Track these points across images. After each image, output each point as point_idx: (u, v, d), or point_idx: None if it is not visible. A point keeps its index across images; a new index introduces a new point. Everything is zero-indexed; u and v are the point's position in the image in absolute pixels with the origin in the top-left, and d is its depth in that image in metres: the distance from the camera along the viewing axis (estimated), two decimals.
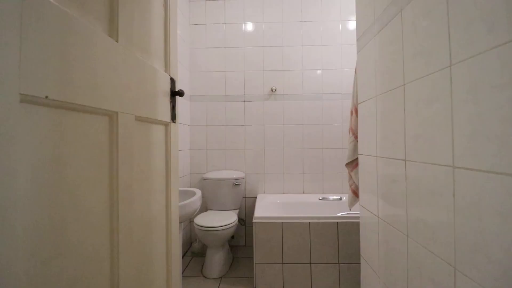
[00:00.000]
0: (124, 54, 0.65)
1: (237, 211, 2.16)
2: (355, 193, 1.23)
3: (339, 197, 2.18)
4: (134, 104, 0.70)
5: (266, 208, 1.95)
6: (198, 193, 1.37)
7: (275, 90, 2.29)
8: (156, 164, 0.86)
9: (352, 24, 2.31)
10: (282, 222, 1.63)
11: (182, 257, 2.07)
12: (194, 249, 2.09)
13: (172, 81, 0.97)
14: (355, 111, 1.18)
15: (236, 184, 2.14)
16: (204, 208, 2.29)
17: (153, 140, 0.84)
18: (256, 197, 2.26)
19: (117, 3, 0.63)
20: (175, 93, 0.98)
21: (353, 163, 1.22)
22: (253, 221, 1.64)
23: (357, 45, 1.11)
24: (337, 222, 1.61)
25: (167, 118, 0.94)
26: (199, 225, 1.71)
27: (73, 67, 0.47)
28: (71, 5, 0.48)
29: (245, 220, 2.30)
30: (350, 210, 1.28)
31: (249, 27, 2.34)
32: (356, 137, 1.18)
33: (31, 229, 0.38)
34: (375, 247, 0.96)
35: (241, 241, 2.32)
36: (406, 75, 0.74)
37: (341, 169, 2.28)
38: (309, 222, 1.62)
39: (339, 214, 1.73)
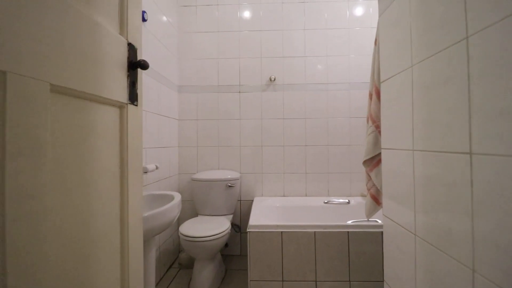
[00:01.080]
0: None
1: (231, 216, 1.90)
2: (376, 199, 0.97)
3: (347, 200, 1.92)
4: (51, 67, 0.44)
5: (263, 214, 1.69)
6: (177, 197, 1.11)
7: (274, 79, 2.03)
8: (101, 160, 0.60)
9: (359, 10, 2.05)
10: (282, 231, 1.37)
11: (168, 268, 1.82)
12: (182, 260, 1.83)
13: (132, 49, 0.71)
14: (376, 93, 0.92)
15: (230, 186, 1.88)
16: (194, 213, 2.03)
17: (95, 126, 0.58)
18: (252, 201, 2.00)
19: None
20: (135, 65, 0.72)
21: (373, 161, 0.96)
22: (248, 230, 1.38)
23: (379, 6, 0.85)
24: (348, 232, 1.35)
25: (123, 97, 0.68)
26: (184, 235, 1.45)
27: None
28: None
29: (241, 226, 2.04)
30: (368, 219, 1.04)
31: (245, 8, 2.08)
32: (377, 127, 0.93)
33: None
34: (409, 275, 0.70)
35: (235, 249, 2.06)
36: (472, 22, 0.48)
37: (349, 168, 2.02)
38: (314, 232, 1.36)
39: (349, 222, 1.47)
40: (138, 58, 0.74)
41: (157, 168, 1.41)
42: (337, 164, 2.03)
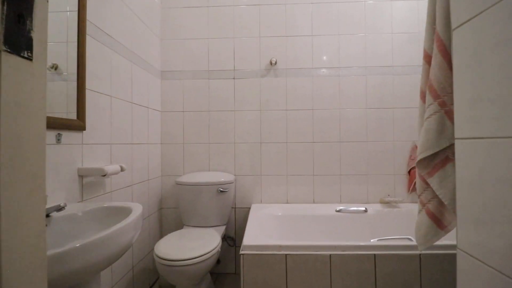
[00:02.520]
0: None
1: (224, 228, 1.57)
2: (437, 220, 0.64)
3: (364, 208, 1.59)
4: None
5: (262, 227, 1.36)
6: (136, 211, 0.77)
7: (276, 63, 1.70)
8: None
9: None
10: (286, 253, 1.04)
11: None
12: (163, 282, 1.50)
13: None
14: (440, 50, 0.58)
15: (222, 191, 1.55)
16: (179, 223, 1.70)
17: None
18: (249, 209, 1.67)
19: None
20: None
21: (435, 159, 0.62)
22: (241, 252, 1.05)
23: None
24: (374, 255, 1.02)
25: None
26: (159, 257, 1.12)
27: None
28: None
29: (235, 239, 1.71)
30: (421, 250, 0.70)
31: None
32: (443, 104, 0.59)
33: None
34: None
35: (229, 267, 1.72)
36: None
37: (366, 169, 1.69)
38: (329, 255, 1.03)
39: (374, 240, 1.14)
40: None
41: (122, 169, 1.08)
42: (351, 165, 1.69)
